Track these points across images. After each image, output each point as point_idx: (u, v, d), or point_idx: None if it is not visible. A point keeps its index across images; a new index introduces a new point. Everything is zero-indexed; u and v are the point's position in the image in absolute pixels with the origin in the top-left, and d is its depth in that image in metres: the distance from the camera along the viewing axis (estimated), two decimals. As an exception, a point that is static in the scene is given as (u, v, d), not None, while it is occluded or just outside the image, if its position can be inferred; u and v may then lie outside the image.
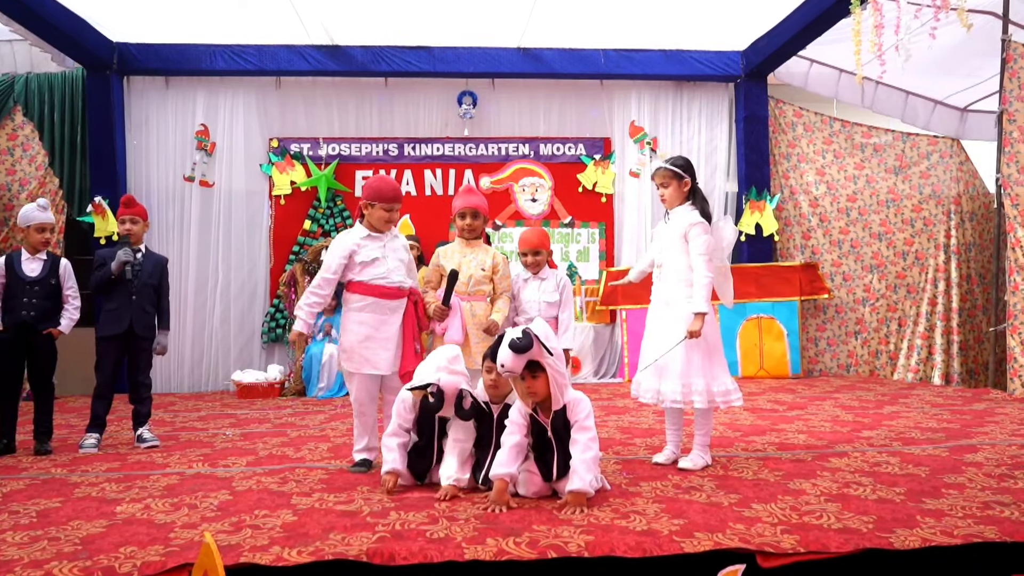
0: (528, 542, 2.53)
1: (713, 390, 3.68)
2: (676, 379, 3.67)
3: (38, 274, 4.67)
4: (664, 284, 3.84)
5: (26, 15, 6.68)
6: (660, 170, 3.89)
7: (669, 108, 8.94)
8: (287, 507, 3.10)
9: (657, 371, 3.75)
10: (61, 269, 4.77)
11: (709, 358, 3.72)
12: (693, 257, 3.74)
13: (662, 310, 3.83)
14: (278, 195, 8.55)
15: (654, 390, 3.77)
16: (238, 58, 8.30)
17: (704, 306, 3.66)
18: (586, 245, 8.82)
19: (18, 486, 3.64)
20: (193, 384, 8.33)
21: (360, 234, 3.93)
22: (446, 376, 3.27)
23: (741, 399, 3.79)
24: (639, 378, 3.92)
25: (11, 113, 8.23)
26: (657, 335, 3.81)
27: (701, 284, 3.68)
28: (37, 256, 4.71)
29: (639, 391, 3.89)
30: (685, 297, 3.73)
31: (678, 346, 3.67)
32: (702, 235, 3.74)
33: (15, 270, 4.63)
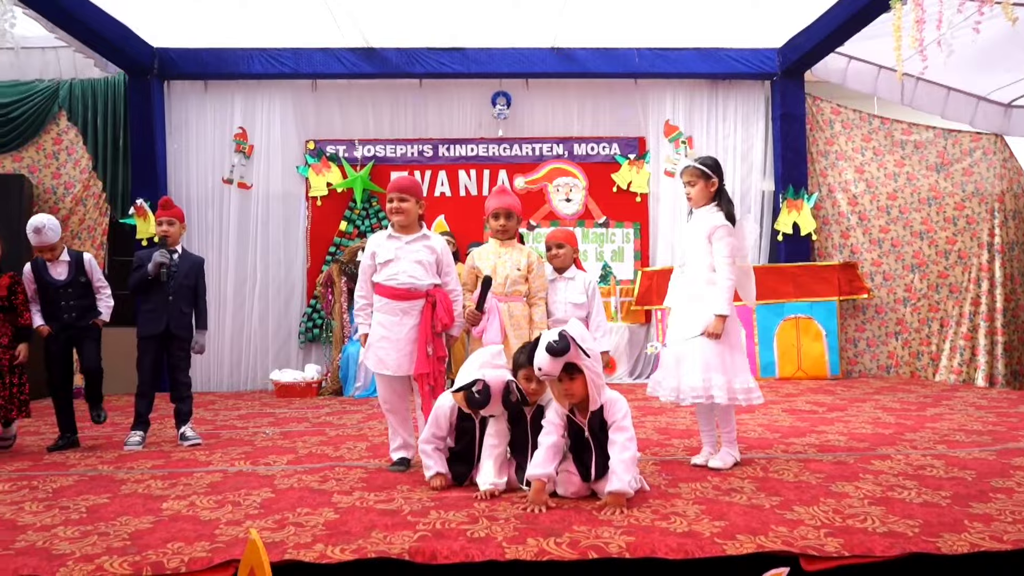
0: (569, 542, 2.53)
1: (735, 387, 3.66)
2: (696, 375, 3.66)
3: (66, 277, 4.79)
4: (687, 282, 3.83)
5: (71, 22, 6.83)
6: (688, 168, 3.87)
7: (704, 106, 8.88)
8: (328, 505, 3.13)
9: (676, 368, 3.74)
10: (86, 265, 4.89)
11: (730, 356, 3.70)
12: (716, 259, 3.73)
13: (685, 307, 3.81)
14: (314, 196, 8.64)
15: (672, 387, 3.76)
16: (275, 61, 8.41)
17: (724, 308, 3.65)
18: (620, 245, 8.79)
19: (67, 482, 3.73)
20: (232, 383, 8.46)
21: (383, 235, 3.98)
22: (490, 371, 3.27)
23: (761, 397, 3.77)
24: (657, 376, 3.92)
25: (56, 118, 8.44)
26: (679, 332, 3.79)
27: (723, 287, 3.68)
28: (60, 259, 4.81)
29: (657, 389, 3.88)
30: (707, 297, 3.72)
31: (697, 343, 3.66)
32: (726, 238, 3.73)
33: (43, 277, 4.74)
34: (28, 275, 4.75)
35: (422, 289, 3.84)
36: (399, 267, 3.85)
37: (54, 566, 2.43)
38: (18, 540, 2.74)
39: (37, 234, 4.72)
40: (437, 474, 3.37)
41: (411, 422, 3.99)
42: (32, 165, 8.45)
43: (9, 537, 2.78)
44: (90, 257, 4.96)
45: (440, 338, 3.84)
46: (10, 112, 8.34)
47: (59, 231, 4.82)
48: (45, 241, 4.74)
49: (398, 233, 3.94)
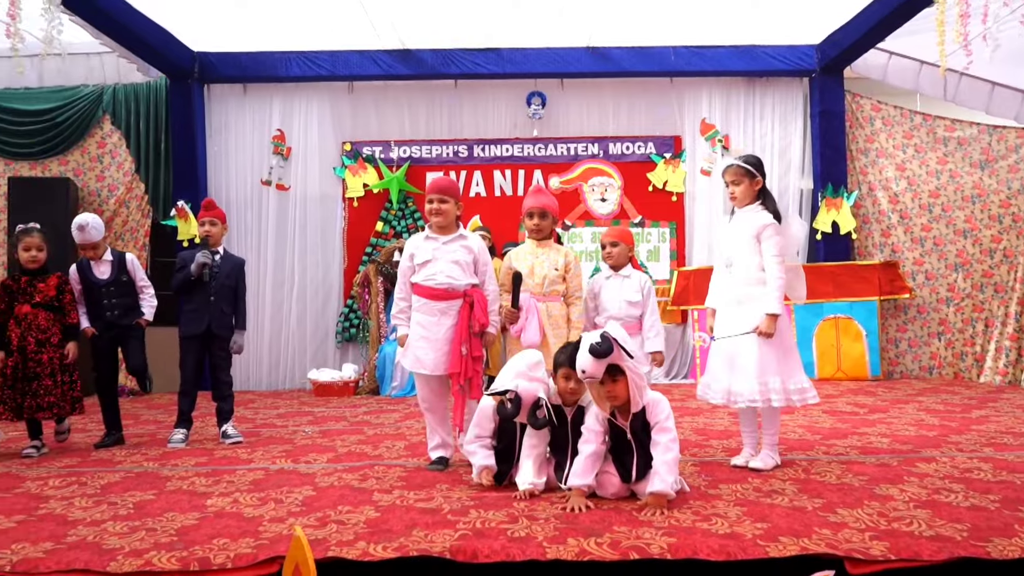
0: (609, 543, 2.52)
1: (789, 388, 3.62)
2: (752, 378, 3.62)
3: (108, 276, 4.89)
4: (734, 283, 3.79)
5: (116, 28, 6.98)
6: (732, 167, 3.83)
7: (741, 104, 8.80)
8: (369, 503, 3.16)
9: (727, 370, 3.71)
10: (128, 265, 4.99)
11: (784, 356, 3.67)
12: (766, 258, 3.69)
13: (732, 310, 3.77)
14: (351, 197, 8.72)
15: (724, 390, 3.72)
16: (312, 64, 8.50)
17: (777, 307, 3.62)
18: (656, 245, 8.74)
19: (114, 478, 3.81)
20: (271, 382, 8.58)
21: (421, 236, 4.02)
22: (524, 383, 3.26)
23: (816, 396, 3.73)
24: (707, 380, 3.88)
25: (100, 122, 8.63)
26: (728, 333, 3.75)
27: (774, 286, 3.65)
28: (103, 259, 4.91)
29: (707, 393, 3.85)
30: (757, 297, 3.68)
31: (750, 344, 3.62)
32: (775, 236, 3.69)
33: (88, 277, 4.85)
34: (74, 275, 4.87)
35: (460, 289, 3.86)
36: (437, 267, 3.87)
37: (105, 560, 2.49)
38: (69, 534, 2.80)
39: (81, 231, 4.83)
40: (485, 467, 3.37)
41: (449, 421, 4.01)
42: (77, 168, 8.65)
43: (61, 531, 2.85)
44: (132, 257, 5.06)
45: (477, 338, 3.85)
46: (56, 117, 8.54)
47: (102, 230, 4.93)
48: (88, 239, 4.85)
49: (436, 234, 3.96)
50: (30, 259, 4.67)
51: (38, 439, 4.66)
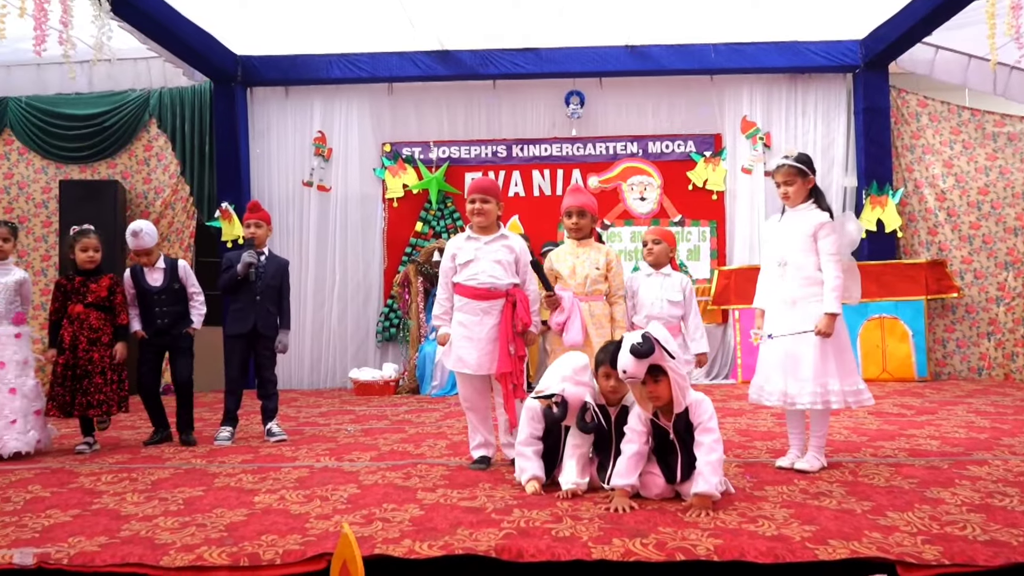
0: (655, 543, 2.51)
1: (846, 390, 3.57)
2: (810, 381, 3.57)
3: (161, 283, 4.98)
4: (788, 284, 3.73)
5: (162, 33, 7.13)
6: (783, 167, 3.78)
7: (783, 101, 8.69)
8: (413, 501, 3.18)
9: (781, 371, 3.66)
10: (180, 271, 5.07)
11: (841, 357, 3.61)
12: (823, 257, 3.64)
13: (787, 311, 3.72)
14: (391, 198, 8.79)
15: (780, 392, 3.67)
16: (352, 66, 8.59)
17: (836, 307, 3.57)
18: (696, 244, 8.67)
19: (164, 475, 3.89)
20: (313, 381, 8.69)
21: (462, 237, 4.04)
22: (571, 387, 3.25)
23: (871, 398, 3.69)
24: (759, 381, 3.83)
25: (147, 126, 8.82)
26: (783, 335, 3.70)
27: (832, 285, 3.59)
28: (156, 266, 5.00)
29: (761, 395, 3.79)
30: (813, 297, 3.63)
31: (807, 345, 3.57)
32: (832, 234, 3.64)
33: (141, 283, 4.95)
34: (127, 281, 4.97)
35: (502, 289, 3.87)
36: (479, 267, 3.89)
37: (157, 555, 2.54)
38: (123, 529, 2.87)
39: (135, 237, 4.93)
40: (534, 477, 3.36)
41: (491, 420, 4.02)
42: (125, 171, 8.85)
43: (115, 526, 2.92)
44: (185, 264, 5.15)
45: (520, 337, 3.85)
46: (105, 121, 8.74)
47: (156, 237, 5.02)
48: (142, 245, 4.95)
49: (477, 234, 3.98)
50: (87, 259, 4.79)
51: (90, 436, 4.77)
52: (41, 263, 8.76)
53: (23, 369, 4.65)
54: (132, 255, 5.08)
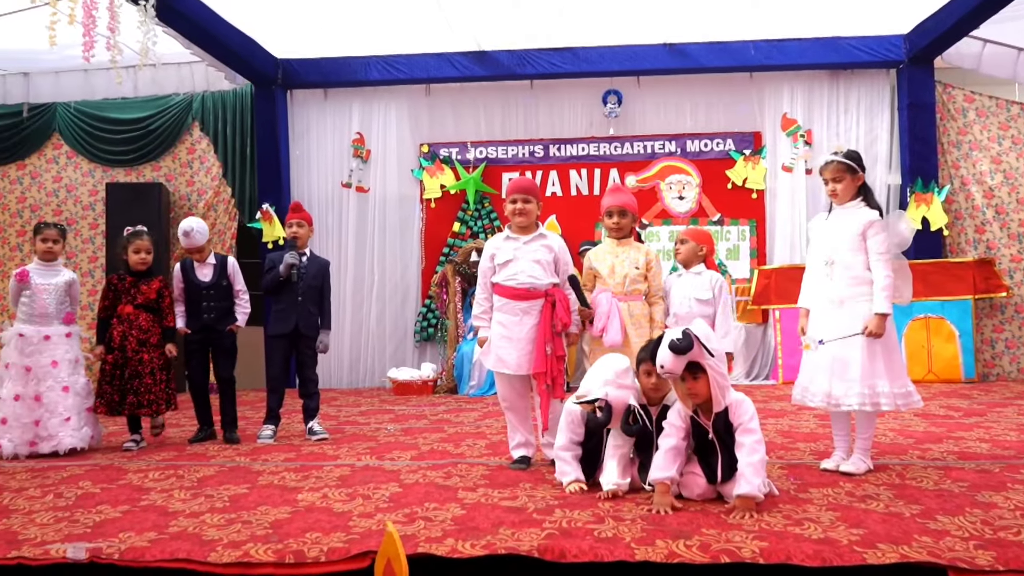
0: (699, 545, 2.49)
1: (896, 392, 3.51)
2: (858, 382, 3.51)
3: (210, 279, 5.07)
4: (835, 284, 3.67)
5: (205, 38, 7.25)
6: (832, 164, 3.71)
7: (824, 98, 8.55)
8: (454, 501, 3.20)
9: (827, 372, 3.60)
10: (229, 269, 5.17)
11: (890, 359, 3.55)
12: (873, 256, 3.58)
13: (834, 310, 3.65)
14: (428, 199, 8.84)
15: (825, 393, 3.61)
16: (390, 68, 8.64)
17: (886, 307, 3.50)
18: (736, 243, 8.58)
19: (209, 472, 3.95)
20: (352, 380, 8.76)
21: (501, 237, 4.04)
22: (614, 391, 3.22)
23: (921, 401, 3.62)
24: (803, 383, 3.77)
25: (190, 129, 8.97)
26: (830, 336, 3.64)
27: (882, 284, 3.53)
28: (207, 262, 5.09)
29: (805, 396, 3.74)
30: (861, 297, 3.57)
31: (855, 345, 3.51)
32: (881, 232, 3.58)
33: (190, 277, 5.04)
34: (177, 275, 5.08)
35: (541, 289, 3.86)
36: (518, 267, 3.89)
37: (205, 551, 2.58)
38: (171, 525, 2.92)
39: (187, 236, 5.04)
40: (575, 480, 3.35)
41: (530, 420, 4.02)
42: (169, 173, 9.01)
43: (163, 522, 2.98)
44: (234, 261, 5.24)
45: (559, 337, 3.84)
46: (149, 124, 8.92)
47: (207, 234, 5.14)
48: (194, 243, 5.06)
49: (516, 234, 3.98)
50: (139, 261, 4.89)
51: (137, 433, 4.88)
52: (88, 264, 8.96)
53: (75, 367, 4.77)
54: (184, 251, 5.18)
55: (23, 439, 4.53)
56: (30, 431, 4.56)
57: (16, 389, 4.58)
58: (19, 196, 9.19)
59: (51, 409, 4.61)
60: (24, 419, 4.55)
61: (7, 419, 4.53)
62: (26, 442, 4.54)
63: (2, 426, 4.52)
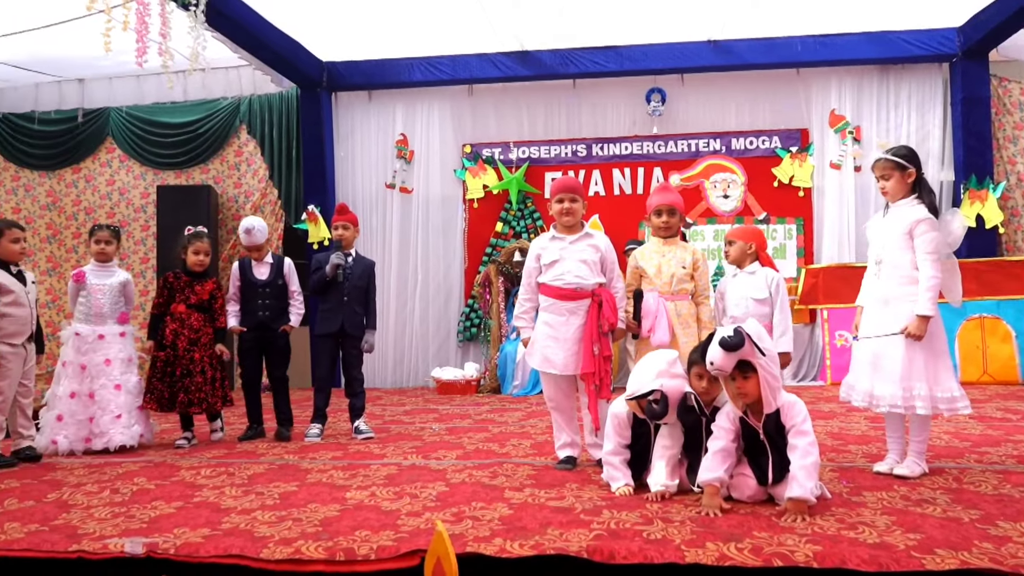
0: (750, 548, 2.45)
1: (936, 396, 3.41)
2: (895, 382, 3.43)
3: (267, 277, 5.16)
4: (883, 283, 3.59)
5: (253, 42, 7.37)
6: (880, 161, 3.64)
7: (874, 94, 8.38)
8: (501, 500, 3.20)
9: (871, 372, 3.53)
10: (286, 269, 5.26)
11: (933, 361, 3.45)
12: (919, 256, 3.49)
13: (879, 310, 3.58)
14: (471, 199, 8.86)
15: (866, 392, 3.54)
16: (433, 69, 8.69)
17: (929, 308, 3.41)
18: (782, 242, 8.45)
19: (259, 470, 4.02)
20: (396, 380, 8.83)
21: (547, 236, 4.02)
22: (668, 381, 3.20)
23: (968, 407, 3.49)
24: (850, 380, 3.71)
25: (237, 132, 9.14)
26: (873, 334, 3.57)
27: (927, 285, 3.44)
28: (264, 261, 5.19)
29: (850, 394, 3.68)
30: (907, 297, 3.49)
31: (897, 346, 3.44)
32: (929, 232, 3.48)
33: (248, 275, 5.13)
34: (235, 273, 5.19)
35: (588, 289, 3.84)
36: (565, 267, 3.87)
37: (257, 547, 2.62)
38: (224, 522, 2.97)
39: (248, 234, 5.15)
40: (625, 485, 3.32)
41: (576, 421, 4.00)
42: (217, 176, 9.19)
43: (216, 518, 3.03)
44: (290, 262, 5.34)
45: (606, 337, 3.82)
46: (199, 128, 9.10)
47: (267, 233, 5.26)
48: (254, 241, 5.16)
49: (562, 234, 3.96)
50: (198, 262, 5.01)
51: (189, 431, 4.98)
52: (140, 265, 9.17)
53: (127, 366, 4.89)
54: (244, 250, 5.29)
55: (78, 436, 4.66)
56: (84, 428, 4.69)
57: (72, 387, 4.72)
58: (74, 199, 9.45)
59: (103, 406, 4.73)
60: (79, 416, 4.68)
61: (63, 416, 4.66)
62: (81, 438, 4.67)
63: (58, 423, 4.66)
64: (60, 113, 9.39)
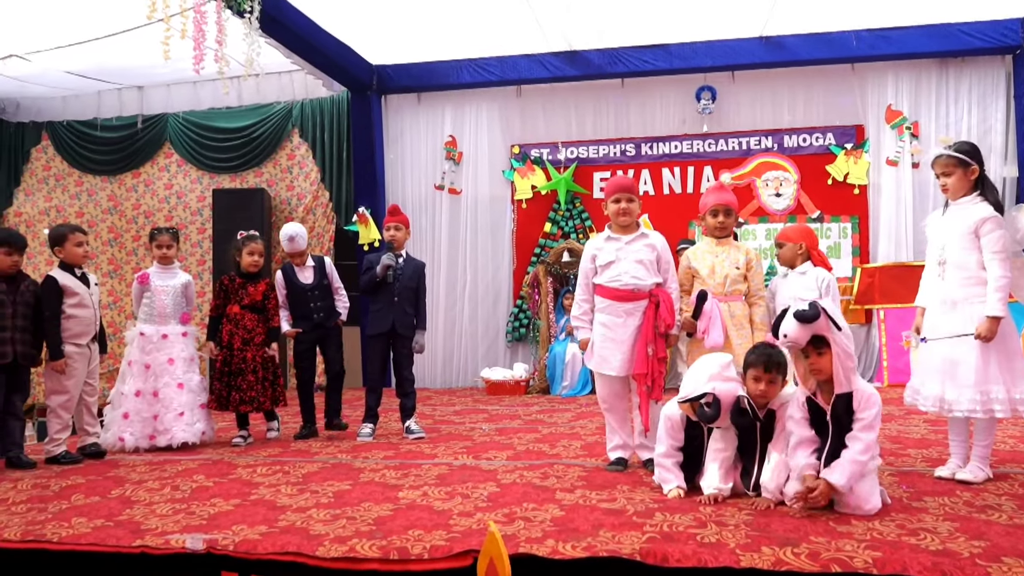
0: (807, 554, 2.41)
1: (1015, 397, 3.31)
2: (971, 387, 3.34)
3: (312, 281, 5.27)
4: (947, 284, 3.49)
5: (304, 47, 7.49)
6: (940, 158, 3.55)
7: (932, 88, 8.15)
8: (552, 502, 3.20)
9: (942, 377, 3.43)
10: (328, 269, 5.38)
11: (1008, 362, 3.35)
12: (987, 255, 3.38)
13: (945, 312, 3.48)
14: (520, 199, 8.87)
15: (936, 397, 3.44)
16: (482, 70, 8.72)
17: (999, 309, 3.31)
18: (837, 240, 8.28)
19: (313, 468, 4.08)
20: (445, 380, 8.89)
21: (602, 237, 4.00)
22: (721, 384, 3.18)
23: None
24: (916, 385, 3.62)
25: (290, 135, 9.31)
26: (937, 335, 3.47)
27: (997, 286, 3.33)
28: (307, 265, 5.27)
29: (916, 399, 3.59)
30: (975, 298, 3.39)
31: (968, 348, 3.34)
32: (996, 230, 3.38)
33: (293, 281, 5.24)
34: (280, 280, 5.29)
35: (645, 289, 3.82)
36: (621, 268, 3.85)
37: (313, 545, 2.67)
38: (280, 519, 3.03)
39: (291, 242, 5.24)
40: (677, 487, 3.31)
41: (629, 423, 3.98)
42: (270, 179, 9.37)
43: (272, 516, 3.09)
44: (330, 261, 5.47)
45: (662, 338, 3.79)
46: (253, 132, 9.29)
47: (307, 239, 5.34)
48: (296, 248, 5.26)
49: (617, 234, 3.94)
50: (252, 264, 5.12)
51: (245, 429, 5.09)
52: (197, 267, 9.39)
53: (190, 365, 5.02)
54: (287, 256, 5.39)
55: (143, 433, 4.81)
56: (149, 425, 4.83)
57: (137, 385, 4.87)
58: (134, 203, 9.73)
59: (167, 404, 4.87)
60: (144, 414, 4.83)
61: (129, 414, 4.81)
62: (146, 436, 4.81)
63: (124, 420, 4.81)
64: (121, 119, 9.68)
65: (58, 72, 8.51)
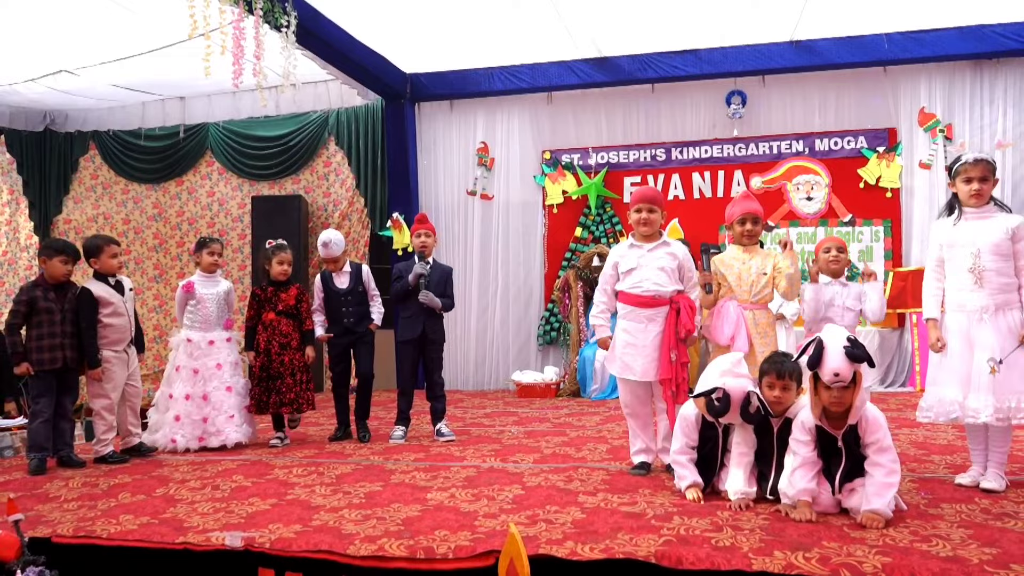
0: (818, 558, 2.49)
1: None
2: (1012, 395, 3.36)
3: (348, 286, 5.43)
4: (985, 292, 3.51)
5: (339, 58, 7.68)
6: (983, 161, 3.57)
7: (966, 91, 8.08)
8: (575, 504, 3.30)
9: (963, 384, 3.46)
10: (364, 275, 5.53)
11: None
12: (1022, 262, 3.47)
13: (988, 321, 3.49)
14: (551, 204, 8.98)
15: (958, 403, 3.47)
16: (513, 78, 8.85)
17: None
18: (869, 244, 8.25)
19: (346, 470, 4.24)
20: (476, 382, 9.02)
21: (625, 244, 4.11)
22: (731, 380, 3.28)
23: None
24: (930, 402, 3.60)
25: (326, 143, 9.51)
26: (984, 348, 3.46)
27: None
28: (343, 270, 5.44)
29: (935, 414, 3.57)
30: (1013, 304, 3.44)
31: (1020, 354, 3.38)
32: None
33: (330, 286, 5.41)
34: (319, 286, 5.47)
35: (666, 296, 3.91)
36: (643, 275, 3.95)
37: (345, 544, 2.81)
38: (314, 519, 3.18)
39: (325, 247, 5.42)
40: (693, 483, 3.40)
41: (652, 427, 4.07)
42: (307, 186, 9.59)
43: (307, 515, 3.24)
44: (367, 268, 5.61)
45: (684, 344, 3.88)
46: (290, 141, 9.52)
47: (343, 245, 5.52)
48: (332, 254, 5.43)
49: (640, 242, 4.04)
50: (281, 272, 5.30)
51: (282, 431, 5.27)
52: (238, 272, 9.65)
53: (235, 369, 5.26)
54: (323, 262, 5.57)
55: (193, 435, 5.04)
56: (199, 427, 5.06)
57: (186, 389, 5.09)
58: (178, 210, 10.02)
59: (217, 407, 5.10)
60: (194, 416, 5.06)
61: (180, 416, 5.03)
62: (196, 437, 5.04)
63: (176, 423, 5.04)
64: (164, 129, 9.98)
65: (104, 85, 8.84)
